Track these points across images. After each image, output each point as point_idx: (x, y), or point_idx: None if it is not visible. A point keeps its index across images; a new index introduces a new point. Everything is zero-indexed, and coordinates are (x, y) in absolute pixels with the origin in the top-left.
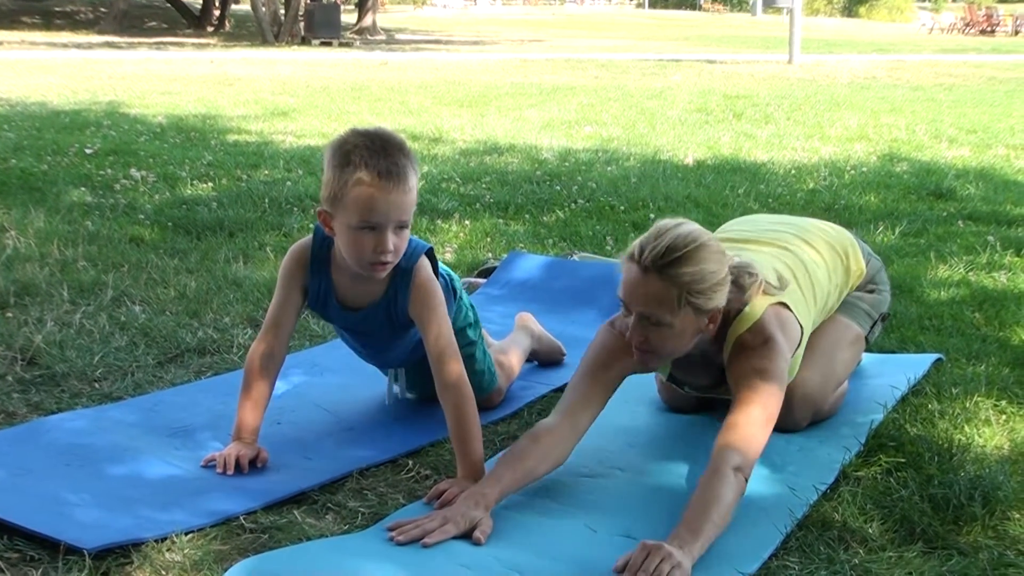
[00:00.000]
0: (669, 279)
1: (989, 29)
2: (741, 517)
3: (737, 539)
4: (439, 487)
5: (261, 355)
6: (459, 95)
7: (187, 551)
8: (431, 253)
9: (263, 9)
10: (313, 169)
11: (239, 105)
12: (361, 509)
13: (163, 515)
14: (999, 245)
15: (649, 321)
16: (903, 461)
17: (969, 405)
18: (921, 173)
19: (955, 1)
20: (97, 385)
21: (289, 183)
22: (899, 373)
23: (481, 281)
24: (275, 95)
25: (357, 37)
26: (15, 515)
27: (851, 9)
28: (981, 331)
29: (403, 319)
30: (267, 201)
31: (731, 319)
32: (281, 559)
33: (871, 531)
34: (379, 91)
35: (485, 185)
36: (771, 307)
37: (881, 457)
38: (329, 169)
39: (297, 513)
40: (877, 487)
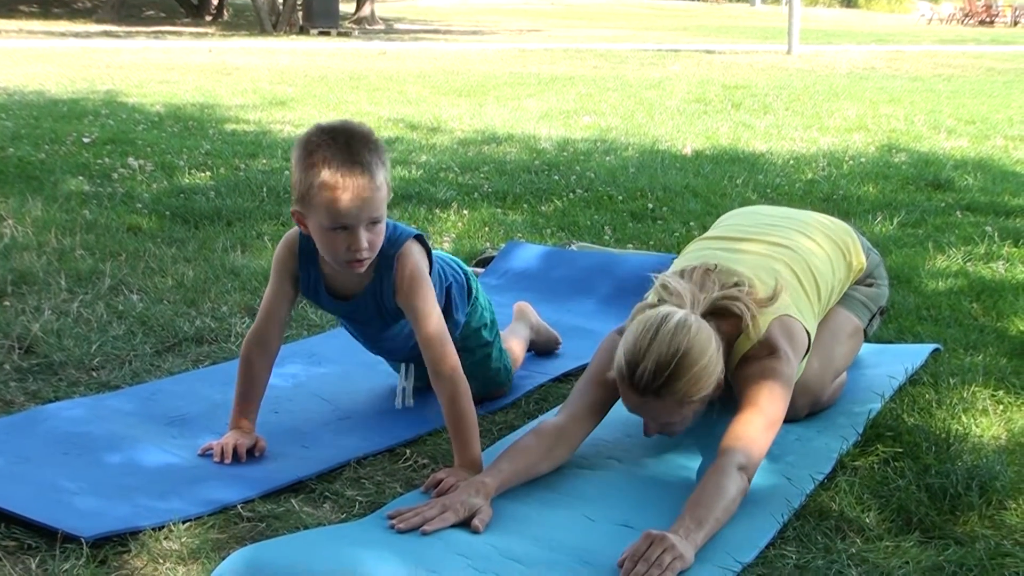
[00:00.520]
0: (668, 396)
1: (988, 20)
2: (739, 505)
3: (735, 528)
4: (436, 476)
5: (255, 344)
6: (457, 85)
7: (184, 539)
8: (421, 239)
9: None
10: None
11: (237, 94)
12: (358, 498)
13: (161, 503)
14: (997, 236)
15: (660, 423)
16: (900, 451)
17: (966, 395)
18: (919, 164)
19: None
20: (95, 374)
21: (287, 172)
22: (897, 363)
23: (479, 271)
24: (273, 84)
25: (355, 27)
26: (13, 503)
27: None
28: (979, 321)
29: (391, 307)
30: (265, 190)
31: (734, 340)
32: (278, 548)
33: (868, 521)
34: (377, 81)
35: (483, 175)
36: (775, 320)
37: (879, 447)
38: (296, 170)
39: (295, 502)
40: (874, 477)
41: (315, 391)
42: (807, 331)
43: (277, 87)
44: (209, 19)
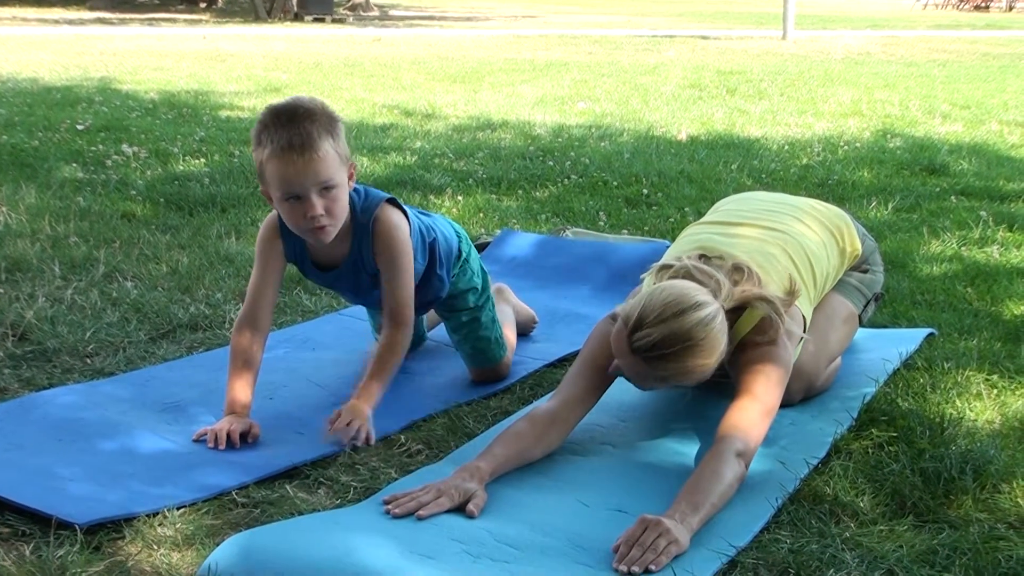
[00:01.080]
0: (652, 368)
1: (983, 5)
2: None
3: (729, 513)
4: (331, 416)
5: (246, 327)
6: (452, 71)
7: (179, 525)
8: (394, 201)
9: None
10: None
11: (231, 81)
12: (353, 483)
13: (155, 490)
14: (991, 220)
15: (636, 381)
16: (895, 435)
17: (961, 379)
18: (914, 149)
19: None
20: (89, 361)
21: None
22: (891, 347)
23: None
24: (268, 71)
25: (350, 13)
26: (7, 490)
27: None
28: (973, 306)
29: (372, 271)
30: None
31: (733, 323)
32: (273, 533)
33: (862, 505)
34: (372, 67)
35: (478, 161)
36: (767, 314)
37: (873, 431)
38: (253, 148)
39: (289, 487)
40: (868, 461)
41: (309, 376)
42: (803, 316)
43: (271, 74)
44: (203, 6)
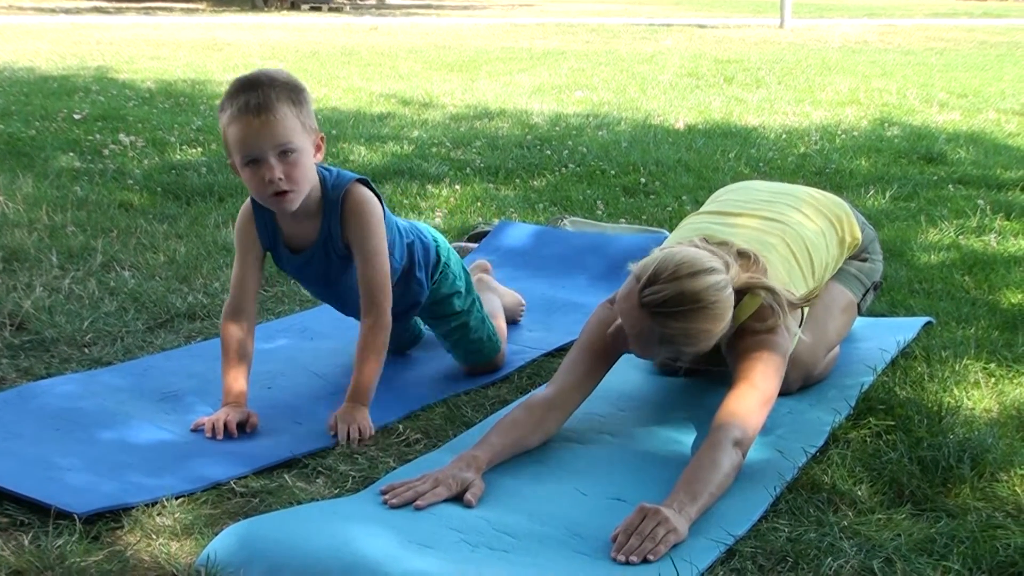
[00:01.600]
0: (657, 324)
1: None
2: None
3: (727, 502)
4: (329, 423)
5: (232, 315)
6: (449, 60)
7: (177, 515)
8: (366, 182)
9: None
10: None
11: (228, 70)
12: (351, 473)
13: (153, 480)
14: (989, 209)
15: (637, 342)
16: (892, 424)
17: (958, 368)
18: (912, 137)
19: None
20: (87, 350)
21: None
22: (889, 336)
23: (472, 246)
24: (264, 60)
25: (347, 2)
26: (5, 480)
27: None
28: (971, 294)
29: (342, 252)
30: None
31: (734, 304)
32: (272, 523)
33: (860, 493)
34: (369, 56)
35: (475, 150)
36: (762, 303)
37: (871, 420)
38: (218, 118)
39: (287, 477)
40: (866, 450)
41: (307, 366)
42: (801, 310)
43: (268, 63)
44: None
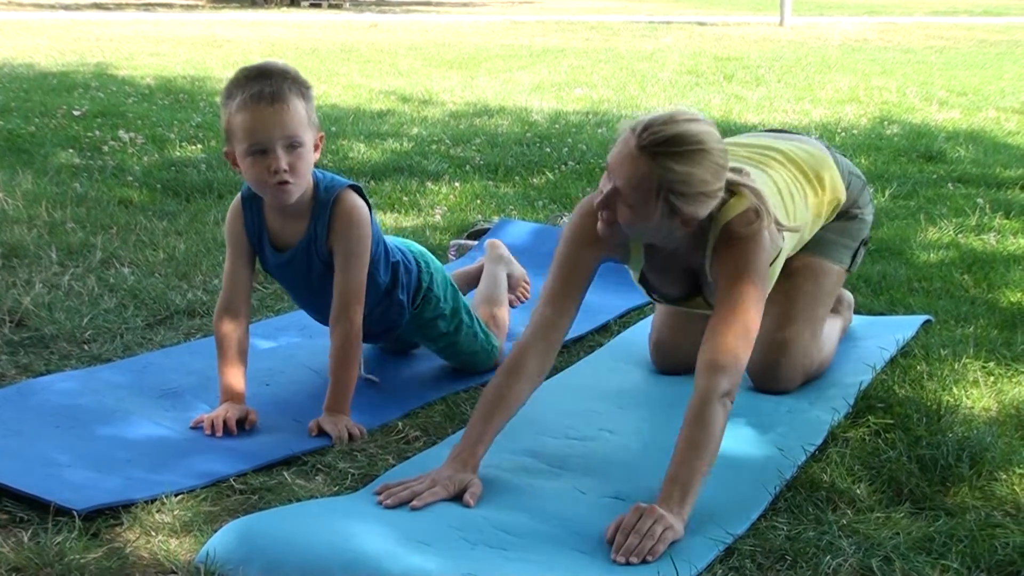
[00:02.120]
0: (657, 167)
1: None
2: (730, 477)
3: (726, 500)
4: (310, 426)
5: (224, 312)
6: (449, 57)
7: (177, 512)
8: (358, 189)
9: None
10: None
11: (228, 67)
12: (351, 470)
13: (153, 476)
14: (988, 207)
15: (620, 200)
16: (891, 422)
17: (957, 367)
18: (911, 135)
19: None
20: (86, 347)
21: None
22: (888, 335)
23: (472, 243)
24: (264, 57)
25: None
26: (5, 476)
27: None
28: (970, 293)
29: (324, 255)
30: None
31: (716, 211)
32: (271, 520)
33: (859, 492)
34: (369, 53)
35: (475, 147)
36: (750, 207)
37: (870, 418)
38: (221, 111)
39: (287, 474)
40: (865, 448)
41: (307, 363)
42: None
43: (268, 60)
44: None
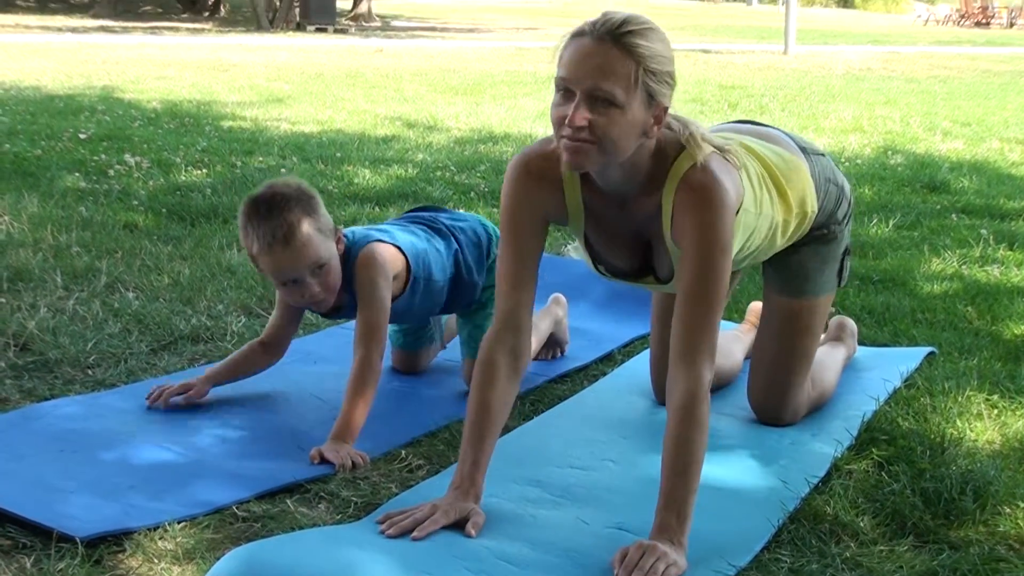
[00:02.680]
0: (627, 49)
1: (984, 21)
2: (733, 509)
3: (729, 532)
4: (312, 454)
5: (260, 344)
6: (454, 83)
7: (179, 539)
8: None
9: None
10: (308, 156)
11: (234, 91)
12: (354, 498)
13: (155, 503)
14: (992, 239)
15: (598, 100)
16: (895, 455)
17: (961, 399)
18: (915, 165)
19: None
20: (90, 372)
21: (284, 170)
22: (891, 366)
23: None
24: (270, 81)
25: (352, 23)
26: (7, 502)
27: (847, 0)
28: (974, 325)
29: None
30: None
31: (671, 159)
32: (273, 548)
33: (862, 525)
34: (374, 78)
35: (479, 174)
36: (713, 152)
37: (873, 451)
38: (240, 234)
39: (290, 502)
40: (869, 481)
41: (310, 390)
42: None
43: (274, 84)
44: (206, 15)
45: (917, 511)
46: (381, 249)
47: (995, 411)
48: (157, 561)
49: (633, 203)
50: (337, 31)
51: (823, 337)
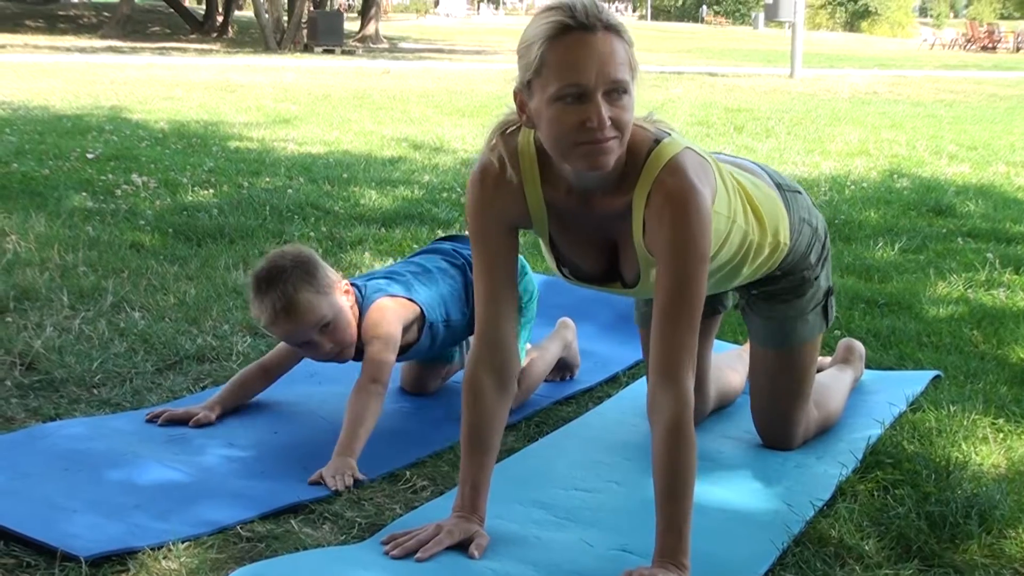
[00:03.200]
0: (618, 32)
1: (990, 46)
2: (738, 532)
3: (734, 555)
4: (312, 478)
5: (258, 367)
6: (461, 104)
7: (183, 559)
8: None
9: (266, 16)
10: (314, 177)
11: (241, 112)
12: (358, 519)
13: (159, 523)
14: (998, 263)
15: (613, 92)
16: (900, 478)
17: (967, 423)
18: (921, 189)
19: (957, 17)
20: (96, 391)
21: (290, 191)
22: (897, 390)
23: None
24: (277, 102)
25: (360, 45)
26: (12, 521)
27: (853, 24)
28: (979, 349)
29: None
30: (268, 208)
31: (644, 155)
32: (277, 568)
33: (867, 548)
34: (381, 99)
35: None
36: (687, 148)
37: (878, 474)
38: (250, 305)
39: (294, 522)
40: (874, 504)
41: (315, 411)
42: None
43: (281, 105)
44: (214, 36)
45: (922, 535)
46: (388, 305)
47: (1000, 435)
48: None
49: (599, 200)
50: (344, 52)
51: (831, 359)
